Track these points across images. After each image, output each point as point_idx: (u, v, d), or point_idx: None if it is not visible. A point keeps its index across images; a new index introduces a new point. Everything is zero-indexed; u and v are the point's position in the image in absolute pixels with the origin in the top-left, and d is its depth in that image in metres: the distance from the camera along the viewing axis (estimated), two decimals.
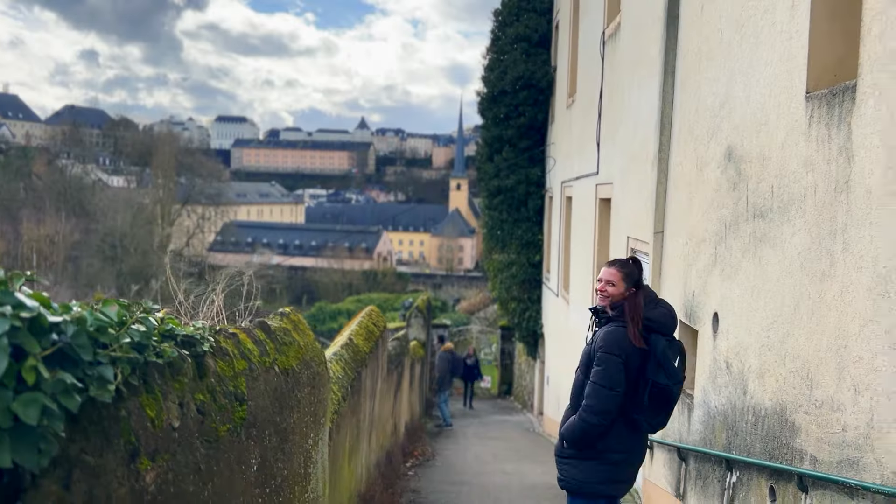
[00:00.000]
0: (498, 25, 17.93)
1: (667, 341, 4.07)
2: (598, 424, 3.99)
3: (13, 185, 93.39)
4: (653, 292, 4.37)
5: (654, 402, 4.03)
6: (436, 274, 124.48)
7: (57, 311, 2.02)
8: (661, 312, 4.16)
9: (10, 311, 1.81)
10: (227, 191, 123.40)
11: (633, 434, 4.14)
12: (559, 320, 14.43)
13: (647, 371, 3.99)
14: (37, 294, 1.99)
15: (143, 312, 2.53)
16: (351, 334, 6.09)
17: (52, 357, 1.93)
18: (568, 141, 13.80)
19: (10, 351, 1.75)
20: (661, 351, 4.00)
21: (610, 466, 4.11)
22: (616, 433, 4.06)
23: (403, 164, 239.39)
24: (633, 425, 4.11)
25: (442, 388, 16.46)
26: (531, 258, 17.42)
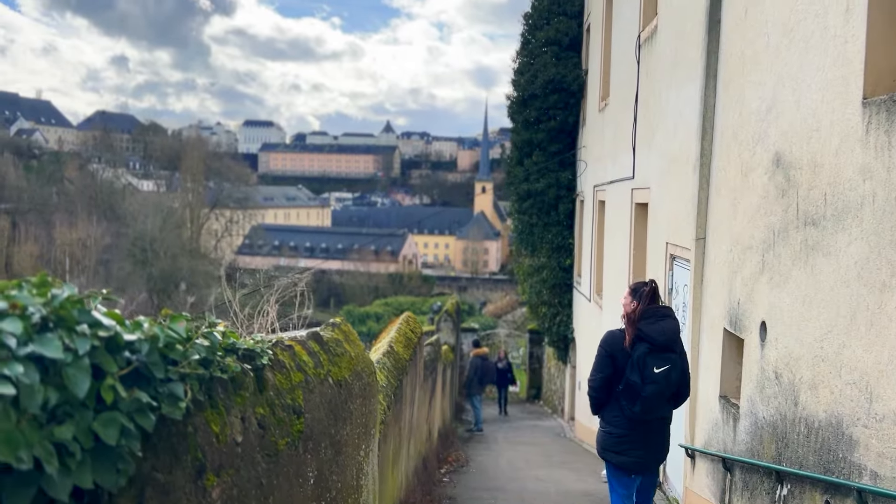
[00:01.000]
0: (528, 29, 17.86)
1: (649, 350, 5.03)
2: (589, 395, 5.44)
3: (46, 190, 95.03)
4: (662, 309, 5.27)
5: (627, 394, 5.12)
6: (461, 277, 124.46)
7: (130, 329, 2.02)
8: (655, 328, 5.09)
9: (88, 331, 1.81)
10: (255, 195, 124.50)
11: (629, 418, 5.17)
12: (591, 325, 14.32)
13: (626, 368, 5.10)
14: (111, 312, 1.99)
15: (207, 327, 2.53)
16: (391, 341, 6.08)
17: (126, 375, 1.93)
18: (600, 144, 13.70)
19: (90, 371, 1.75)
20: (639, 356, 5.04)
21: (607, 436, 5.35)
22: (610, 410, 5.31)
23: (428, 167, 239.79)
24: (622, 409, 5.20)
25: (474, 392, 16.40)
26: (562, 262, 17.32)
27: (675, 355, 5.11)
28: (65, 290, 1.91)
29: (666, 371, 5.03)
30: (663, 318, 5.16)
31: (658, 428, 5.31)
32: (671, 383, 5.07)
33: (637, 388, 5.03)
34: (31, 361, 1.61)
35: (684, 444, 7.12)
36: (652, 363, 5.02)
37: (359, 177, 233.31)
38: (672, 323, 5.18)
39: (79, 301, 1.90)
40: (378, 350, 5.96)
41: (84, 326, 1.83)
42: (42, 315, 1.76)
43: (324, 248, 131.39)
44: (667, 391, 5.08)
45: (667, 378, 5.04)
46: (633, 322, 5.17)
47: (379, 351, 5.83)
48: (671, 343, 5.12)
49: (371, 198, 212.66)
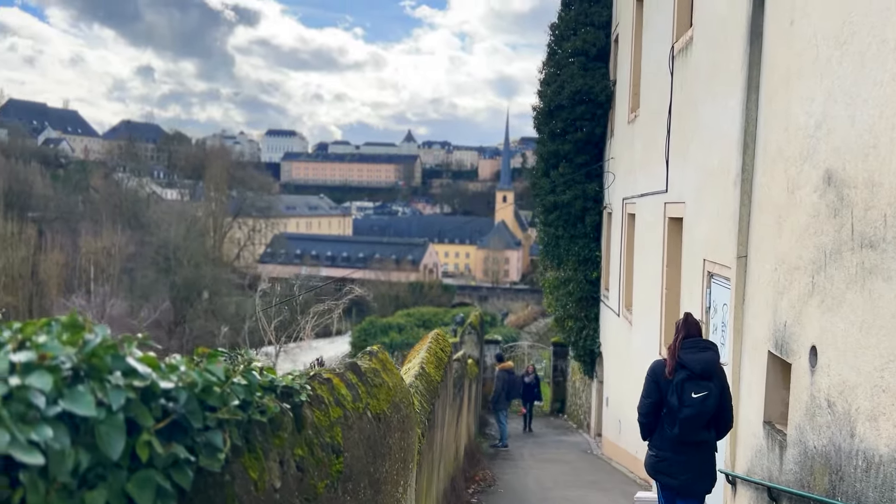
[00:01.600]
0: (555, 40, 17.69)
1: (688, 376, 5.54)
2: (639, 421, 5.93)
3: (72, 199, 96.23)
4: (703, 342, 5.79)
5: (668, 417, 5.66)
6: (482, 286, 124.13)
7: (166, 374, 1.87)
8: (693, 358, 5.61)
9: (122, 381, 1.65)
10: (277, 204, 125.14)
11: (671, 440, 5.66)
12: (620, 341, 14.06)
13: (667, 394, 5.63)
14: (146, 357, 1.83)
15: (244, 364, 2.37)
16: (423, 362, 5.91)
17: (162, 427, 1.76)
18: (629, 157, 13.47)
19: (124, 428, 1.59)
20: (678, 381, 5.57)
21: (654, 458, 5.85)
22: (657, 433, 5.81)
23: (449, 176, 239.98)
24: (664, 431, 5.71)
25: (499, 407, 16.15)
26: (588, 275, 17.07)
27: (712, 384, 5.58)
28: (97, 334, 1.76)
29: (702, 397, 5.52)
30: (703, 350, 5.69)
31: (702, 455, 5.72)
32: (707, 409, 5.53)
33: (675, 411, 5.56)
34: (61, 422, 1.46)
35: (725, 470, 6.86)
36: (690, 388, 5.54)
37: (380, 186, 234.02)
38: (711, 355, 5.69)
39: (112, 346, 1.74)
40: (409, 371, 5.79)
41: (118, 375, 1.67)
42: (73, 364, 1.61)
43: (345, 256, 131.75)
44: (703, 416, 5.54)
45: (703, 403, 5.51)
46: (674, 352, 5.71)
47: (410, 373, 5.66)
48: (708, 372, 5.59)
49: (392, 207, 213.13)
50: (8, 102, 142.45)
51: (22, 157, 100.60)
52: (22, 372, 1.47)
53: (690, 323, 5.84)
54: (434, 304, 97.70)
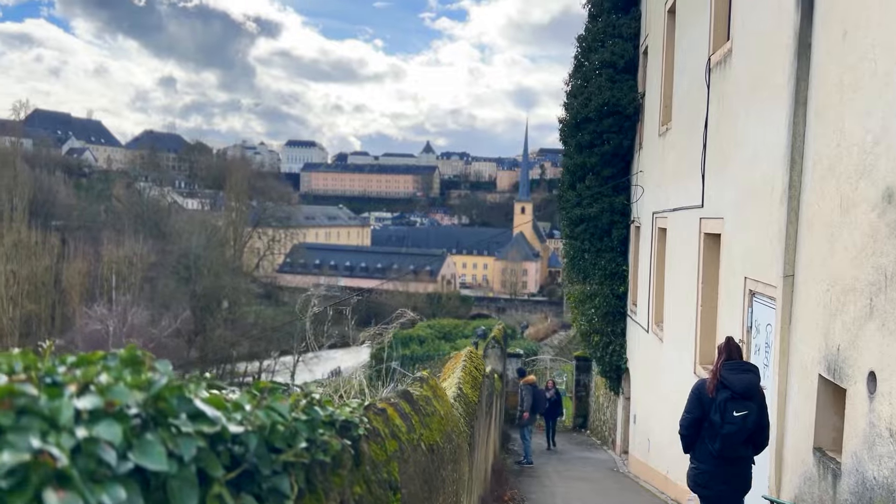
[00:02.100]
0: (581, 52, 17.51)
1: (730, 396, 5.87)
2: (680, 434, 6.25)
3: (94, 208, 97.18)
4: (745, 364, 6.11)
5: (710, 433, 5.99)
6: (499, 298, 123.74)
7: (232, 415, 1.72)
8: (736, 379, 5.92)
9: (191, 427, 1.50)
10: (297, 214, 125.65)
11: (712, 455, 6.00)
12: (649, 357, 13.80)
13: (710, 411, 5.97)
14: (213, 398, 1.68)
15: (305, 398, 2.23)
16: (459, 382, 5.74)
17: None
18: (660, 170, 13.25)
19: (196, 481, 1.44)
20: (721, 400, 5.91)
21: (695, 471, 6.17)
22: (698, 448, 6.14)
23: (468, 187, 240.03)
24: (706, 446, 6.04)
25: (526, 423, 15.90)
26: (615, 289, 16.81)
27: (752, 404, 5.90)
28: (161, 373, 1.62)
29: (743, 416, 5.87)
30: (745, 372, 6.00)
31: (740, 469, 6.07)
32: (747, 426, 5.88)
33: (717, 428, 5.92)
34: (132, 478, 1.31)
35: (770, 497, 6.62)
36: (732, 407, 5.88)
37: (398, 196, 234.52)
38: (752, 377, 5.99)
39: (178, 387, 1.60)
40: (447, 392, 5.61)
41: (185, 419, 1.53)
42: (140, 409, 1.46)
43: (363, 267, 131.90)
44: (743, 433, 5.88)
45: (743, 421, 5.86)
46: (716, 372, 6.03)
47: (448, 393, 5.49)
48: (750, 393, 5.92)
49: (410, 217, 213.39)
50: (33, 113, 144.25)
51: (46, 167, 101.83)
52: (89, 421, 1.33)
53: (732, 346, 6.18)
54: (452, 315, 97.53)
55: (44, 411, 1.29)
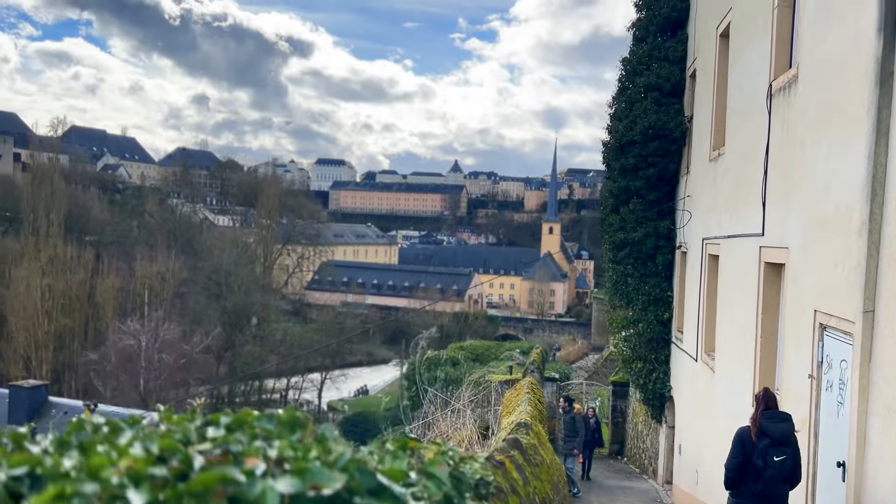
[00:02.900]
0: (626, 74, 17.36)
1: (770, 443, 6.73)
2: (726, 475, 7.11)
3: (128, 223, 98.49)
4: (781, 414, 6.97)
5: (753, 475, 6.84)
6: (527, 318, 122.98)
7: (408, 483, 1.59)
8: (774, 426, 6.79)
9: None
10: (326, 232, 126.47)
11: (754, 493, 6.86)
12: (698, 388, 13.48)
13: (753, 456, 6.81)
14: (391, 470, 1.56)
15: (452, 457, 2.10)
16: (529, 417, 5.57)
17: None
18: (712, 196, 13.01)
19: None
20: (763, 447, 6.76)
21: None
22: (741, 486, 6.97)
23: (495, 206, 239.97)
24: (749, 486, 6.90)
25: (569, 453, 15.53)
26: (660, 315, 16.52)
27: (789, 449, 6.81)
28: (342, 446, 1.50)
29: (782, 460, 6.75)
30: (782, 421, 6.89)
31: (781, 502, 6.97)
32: (786, 469, 6.78)
33: (760, 471, 6.78)
34: None
35: None
36: (772, 453, 6.76)
37: (426, 215, 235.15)
38: (788, 426, 6.89)
39: (359, 460, 1.47)
40: (511, 427, 5.44)
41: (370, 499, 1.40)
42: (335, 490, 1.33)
43: (391, 285, 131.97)
44: (782, 475, 6.79)
45: (783, 465, 6.76)
46: (756, 420, 6.91)
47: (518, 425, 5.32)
48: (787, 440, 6.81)
49: (437, 236, 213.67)
50: (70, 129, 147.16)
51: (82, 183, 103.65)
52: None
53: (769, 396, 7.12)
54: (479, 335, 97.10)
55: (251, 499, 1.18)
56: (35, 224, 78.30)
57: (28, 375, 56.15)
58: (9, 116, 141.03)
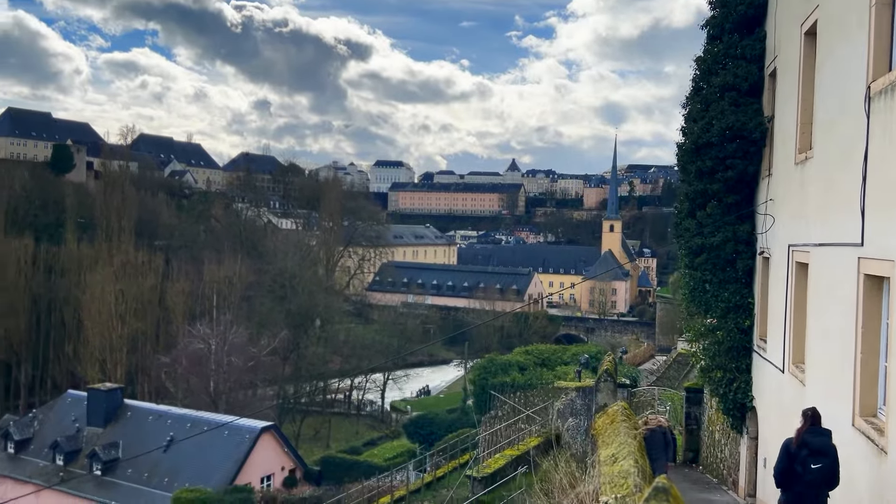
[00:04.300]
0: (700, 74, 16.81)
1: (809, 453, 8.16)
2: (774, 476, 8.68)
3: (195, 228, 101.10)
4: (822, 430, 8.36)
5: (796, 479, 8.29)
6: (588, 318, 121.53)
7: None
8: (815, 440, 8.22)
9: None
10: (386, 233, 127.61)
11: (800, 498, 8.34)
12: (786, 399, 12.94)
13: (795, 463, 8.27)
14: None
15: None
16: (635, 453, 5.33)
17: None
18: (799, 201, 12.47)
19: None
20: (803, 456, 8.17)
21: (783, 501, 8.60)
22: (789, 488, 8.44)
23: (553, 204, 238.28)
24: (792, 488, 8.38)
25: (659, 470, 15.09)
26: (740, 323, 15.94)
27: (826, 459, 8.16)
28: None
29: (819, 468, 8.17)
30: (821, 435, 8.29)
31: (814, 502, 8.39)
32: (823, 476, 8.21)
33: (799, 476, 8.26)
34: None
35: None
36: (810, 462, 8.19)
37: (484, 215, 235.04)
38: (826, 439, 8.27)
39: None
40: (621, 461, 5.21)
41: None
42: None
43: (450, 285, 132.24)
44: (818, 480, 8.23)
45: (819, 472, 8.18)
46: (800, 434, 8.38)
47: (627, 462, 5.09)
48: (824, 451, 8.18)
49: (496, 236, 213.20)
50: (139, 137, 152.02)
51: (150, 189, 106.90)
52: None
53: (816, 415, 8.49)
54: (539, 335, 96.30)
55: None
56: (108, 230, 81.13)
57: (104, 377, 58.20)
58: (82, 126, 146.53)
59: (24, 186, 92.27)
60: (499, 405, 26.78)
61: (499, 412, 26.23)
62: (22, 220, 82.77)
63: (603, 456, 5.60)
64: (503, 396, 26.13)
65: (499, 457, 20.17)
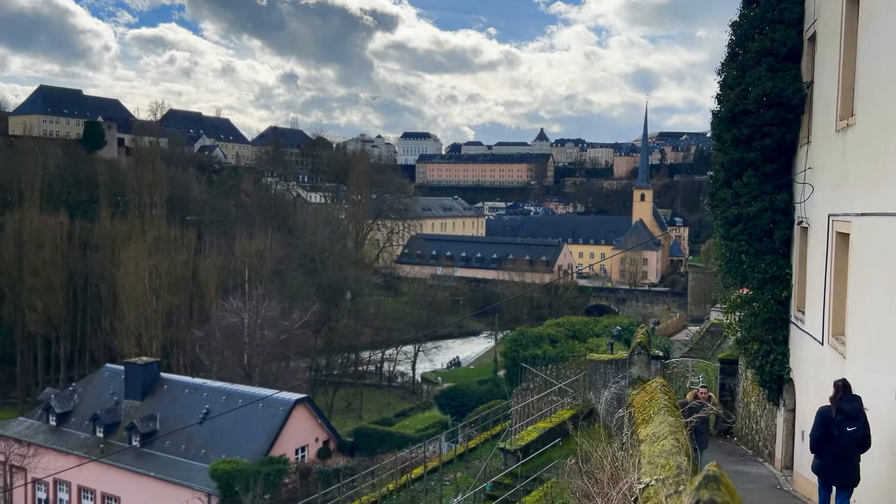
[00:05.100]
0: (736, 39, 16.33)
1: (844, 417, 9.15)
2: (811, 442, 9.66)
3: (225, 203, 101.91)
4: (853, 396, 9.29)
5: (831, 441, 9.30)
6: (619, 288, 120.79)
7: None
8: (848, 406, 9.19)
9: None
10: (414, 206, 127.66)
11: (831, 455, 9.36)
12: (824, 371, 12.70)
13: (831, 428, 9.27)
14: None
15: None
16: (675, 432, 5.23)
17: None
18: (840, 169, 12.12)
19: None
20: (839, 420, 9.18)
21: (819, 464, 9.66)
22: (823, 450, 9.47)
23: (583, 174, 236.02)
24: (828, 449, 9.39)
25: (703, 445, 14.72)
26: (777, 294, 15.64)
27: (859, 422, 9.14)
28: None
29: (853, 431, 9.12)
30: (853, 402, 9.24)
31: (851, 464, 9.28)
32: (856, 438, 9.15)
33: (836, 438, 9.20)
34: None
35: None
36: (845, 425, 9.15)
37: (512, 186, 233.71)
38: (858, 405, 9.23)
39: None
40: (662, 440, 5.11)
41: None
42: None
43: (479, 257, 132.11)
44: (853, 442, 9.16)
45: (853, 435, 9.13)
46: (835, 401, 9.32)
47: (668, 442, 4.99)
48: (856, 415, 9.14)
49: (524, 206, 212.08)
50: (168, 113, 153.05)
51: (180, 164, 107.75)
52: None
53: (846, 385, 9.39)
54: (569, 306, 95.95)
55: None
56: (140, 206, 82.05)
57: (140, 351, 59.30)
58: (112, 103, 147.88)
59: (57, 164, 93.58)
60: (530, 378, 26.76)
61: (530, 384, 26.23)
62: (56, 197, 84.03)
63: (642, 434, 5.50)
64: (535, 369, 26.10)
65: (531, 429, 20.18)
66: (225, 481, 32.89)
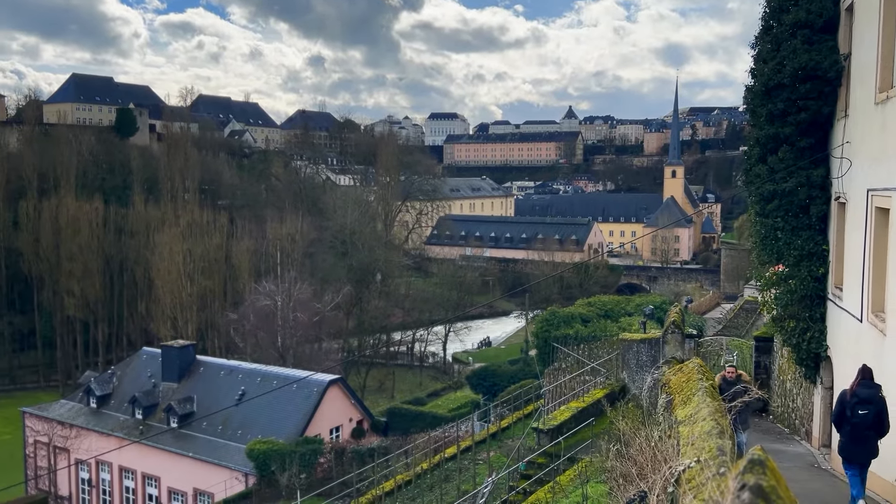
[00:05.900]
0: (770, 12, 15.96)
1: (858, 401, 9.86)
2: (832, 419, 10.91)
3: (256, 187, 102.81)
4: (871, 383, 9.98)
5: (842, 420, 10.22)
6: (650, 267, 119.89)
7: None
8: (863, 391, 9.89)
9: None
10: (442, 186, 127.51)
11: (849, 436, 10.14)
12: (864, 349, 12.51)
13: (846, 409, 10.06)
14: None
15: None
16: (716, 417, 5.19)
17: None
18: (879, 142, 11.85)
19: None
20: (853, 403, 9.94)
21: (840, 443, 10.38)
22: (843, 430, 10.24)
23: (612, 151, 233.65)
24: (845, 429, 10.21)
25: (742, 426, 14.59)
26: (814, 271, 15.39)
27: (872, 407, 9.79)
28: None
29: (864, 414, 9.82)
30: (868, 388, 9.88)
31: (867, 444, 10.00)
32: (867, 421, 9.85)
33: (849, 420, 10.00)
34: None
35: None
36: (858, 408, 9.86)
37: (540, 164, 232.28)
38: (873, 391, 9.91)
39: None
40: (701, 422, 5.09)
41: None
42: None
43: (508, 237, 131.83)
44: (865, 424, 9.89)
45: (864, 418, 9.85)
46: (853, 386, 9.97)
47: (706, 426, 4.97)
48: (870, 400, 9.80)
49: (553, 185, 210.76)
50: (198, 98, 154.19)
51: (211, 149, 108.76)
52: None
53: (867, 371, 10.01)
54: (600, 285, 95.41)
55: None
56: (172, 191, 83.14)
57: (175, 335, 60.36)
58: (143, 90, 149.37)
59: (91, 151, 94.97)
60: (562, 357, 26.74)
61: (562, 364, 26.21)
62: (91, 183, 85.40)
63: (681, 416, 5.48)
64: (566, 349, 26.05)
65: (564, 409, 20.20)
66: (261, 461, 33.48)
